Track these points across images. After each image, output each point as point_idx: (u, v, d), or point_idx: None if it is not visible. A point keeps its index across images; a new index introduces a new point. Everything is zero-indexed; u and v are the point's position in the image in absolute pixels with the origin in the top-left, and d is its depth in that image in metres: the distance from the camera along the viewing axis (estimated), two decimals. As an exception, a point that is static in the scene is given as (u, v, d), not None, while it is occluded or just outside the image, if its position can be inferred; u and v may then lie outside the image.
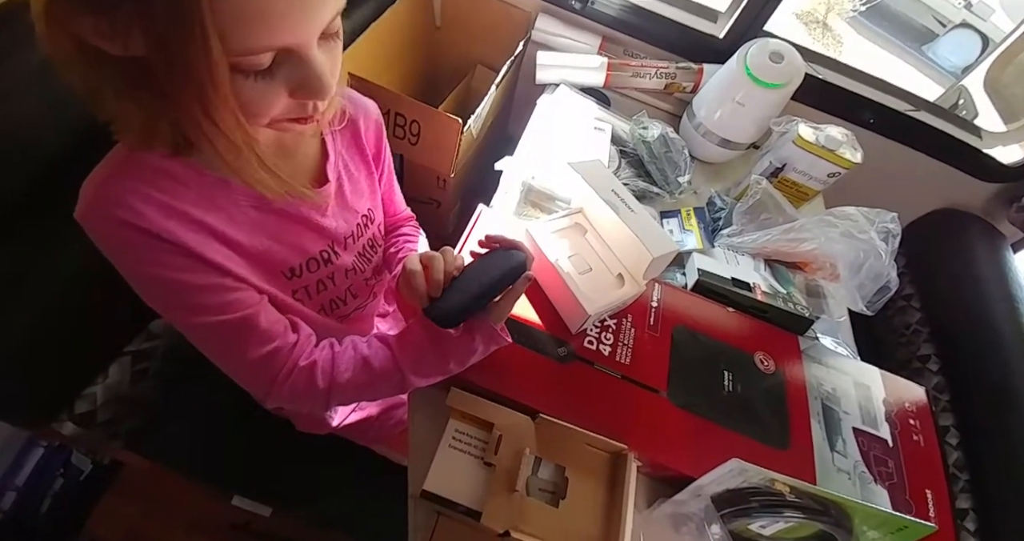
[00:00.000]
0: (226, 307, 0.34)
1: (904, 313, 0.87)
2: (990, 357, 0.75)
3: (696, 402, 0.45)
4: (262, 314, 0.36)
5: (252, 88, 0.27)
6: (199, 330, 0.35)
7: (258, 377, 0.37)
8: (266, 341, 0.35)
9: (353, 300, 0.48)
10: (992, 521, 0.66)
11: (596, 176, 0.47)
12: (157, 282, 0.33)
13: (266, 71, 0.27)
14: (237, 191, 0.35)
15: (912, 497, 0.47)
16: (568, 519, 0.37)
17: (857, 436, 0.47)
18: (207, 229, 0.33)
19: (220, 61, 0.24)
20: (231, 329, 0.34)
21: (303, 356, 0.37)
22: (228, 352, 0.36)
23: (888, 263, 0.56)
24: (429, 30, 0.95)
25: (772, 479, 0.37)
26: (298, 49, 0.27)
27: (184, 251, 0.32)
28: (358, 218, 0.45)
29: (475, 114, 0.69)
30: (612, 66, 0.86)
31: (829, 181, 0.69)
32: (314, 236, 0.41)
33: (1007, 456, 0.68)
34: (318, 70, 0.28)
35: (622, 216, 0.40)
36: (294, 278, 0.41)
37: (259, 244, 0.37)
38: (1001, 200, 0.93)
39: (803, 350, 0.52)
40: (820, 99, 0.85)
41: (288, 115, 0.31)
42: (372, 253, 0.49)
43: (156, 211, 0.31)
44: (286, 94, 0.29)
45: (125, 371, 0.52)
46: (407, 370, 0.38)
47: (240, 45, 0.24)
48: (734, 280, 0.57)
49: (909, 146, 0.88)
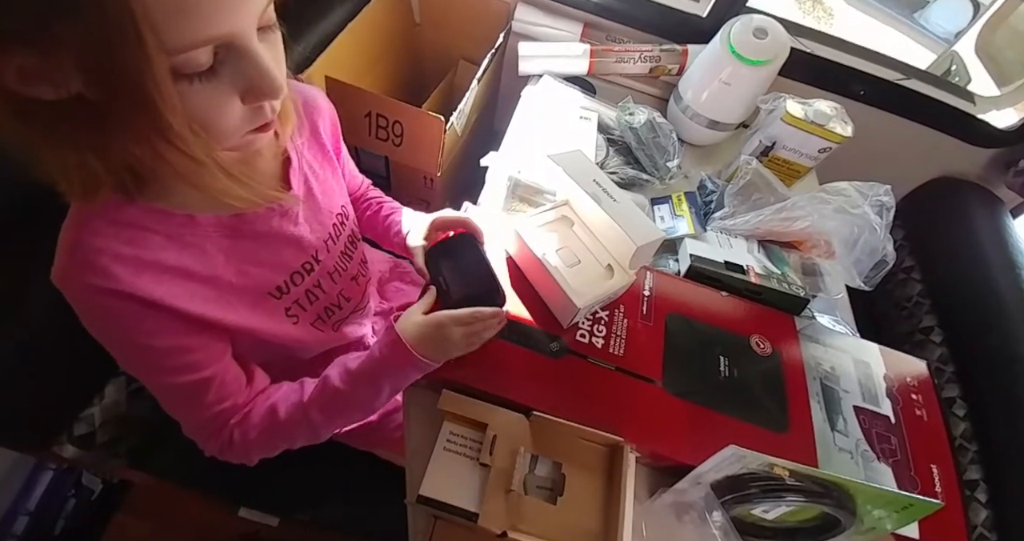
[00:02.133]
0: (186, 368, 0.35)
1: (904, 286, 0.86)
2: (994, 325, 0.74)
3: (692, 390, 0.45)
4: (220, 375, 0.37)
5: (198, 92, 0.26)
6: (159, 388, 0.37)
7: (201, 432, 0.39)
8: (219, 401, 0.37)
9: (347, 303, 0.48)
10: (1003, 491, 0.65)
11: (577, 167, 0.46)
12: (127, 346, 0.34)
13: (209, 72, 0.26)
14: (204, 224, 0.34)
15: (917, 473, 0.46)
16: (567, 515, 0.37)
17: (858, 414, 0.46)
18: (182, 273, 0.33)
19: (160, 62, 0.23)
20: (187, 390, 0.36)
21: (239, 413, 0.39)
22: (178, 407, 0.38)
23: (883, 236, 0.55)
24: (408, 28, 0.94)
25: (771, 464, 0.37)
26: (237, 41, 0.26)
27: (158, 308, 0.32)
28: (333, 218, 0.45)
29: (457, 110, 0.68)
30: (595, 53, 0.85)
31: (820, 157, 0.68)
32: (292, 249, 0.41)
33: (1015, 425, 0.67)
34: (263, 63, 0.27)
35: (604, 206, 0.39)
36: (283, 296, 0.40)
37: (238, 272, 0.36)
38: (997, 165, 0.91)
39: (799, 330, 0.51)
40: (808, 73, 0.83)
41: (247, 127, 0.30)
42: (352, 249, 0.48)
43: (128, 269, 0.31)
44: (238, 100, 0.28)
45: (121, 391, 0.52)
46: (313, 413, 0.39)
47: (176, 40, 0.23)
48: (727, 263, 0.56)
49: (901, 116, 0.86)
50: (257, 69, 0.27)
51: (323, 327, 0.46)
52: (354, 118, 0.69)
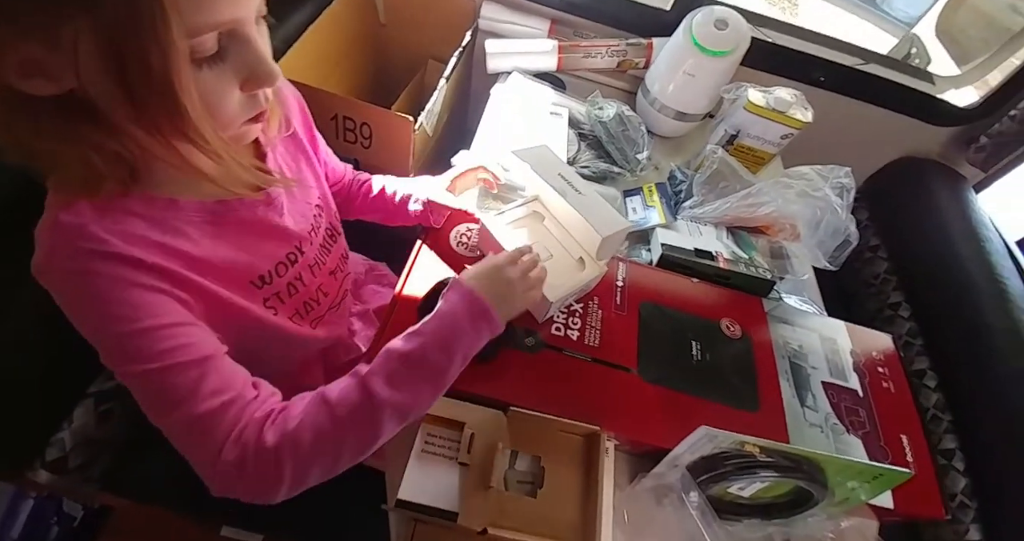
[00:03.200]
0: (185, 349, 0.30)
1: (872, 264, 0.88)
2: (960, 297, 0.76)
3: (667, 375, 0.46)
4: (222, 358, 0.33)
5: (206, 79, 0.27)
6: (148, 378, 0.30)
7: (206, 437, 0.30)
8: (221, 391, 0.31)
9: (325, 298, 0.47)
10: (978, 458, 0.67)
11: (542, 162, 0.46)
12: (116, 323, 0.30)
13: (215, 57, 0.27)
14: (187, 208, 0.34)
15: (887, 444, 0.48)
16: (547, 507, 0.38)
17: (826, 389, 0.48)
18: (168, 249, 0.32)
19: (182, 46, 0.24)
20: (182, 374, 0.30)
21: (259, 409, 0.32)
22: (174, 404, 0.30)
23: (845, 217, 0.57)
24: (374, 28, 0.93)
25: (742, 442, 0.38)
26: (241, 27, 0.28)
27: (150, 272, 0.30)
28: (312, 209, 0.45)
29: (425, 110, 0.68)
30: (563, 48, 0.85)
31: (783, 143, 0.70)
32: (277, 239, 0.41)
33: (985, 392, 0.69)
34: (261, 51, 0.29)
35: (569, 199, 0.40)
36: (264, 286, 0.40)
37: (223, 256, 0.35)
38: (958, 143, 0.94)
39: (768, 311, 0.53)
40: (770, 62, 0.85)
41: (244, 115, 0.31)
42: (332, 243, 0.48)
43: (119, 238, 0.30)
44: (238, 88, 0.29)
45: (90, 414, 0.51)
46: (376, 385, 0.32)
47: (193, 22, 0.24)
48: (697, 251, 0.58)
49: (862, 100, 0.89)
50: (256, 55, 0.29)
51: (301, 323, 0.45)
52: (321, 121, 0.67)
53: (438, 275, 0.47)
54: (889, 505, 0.45)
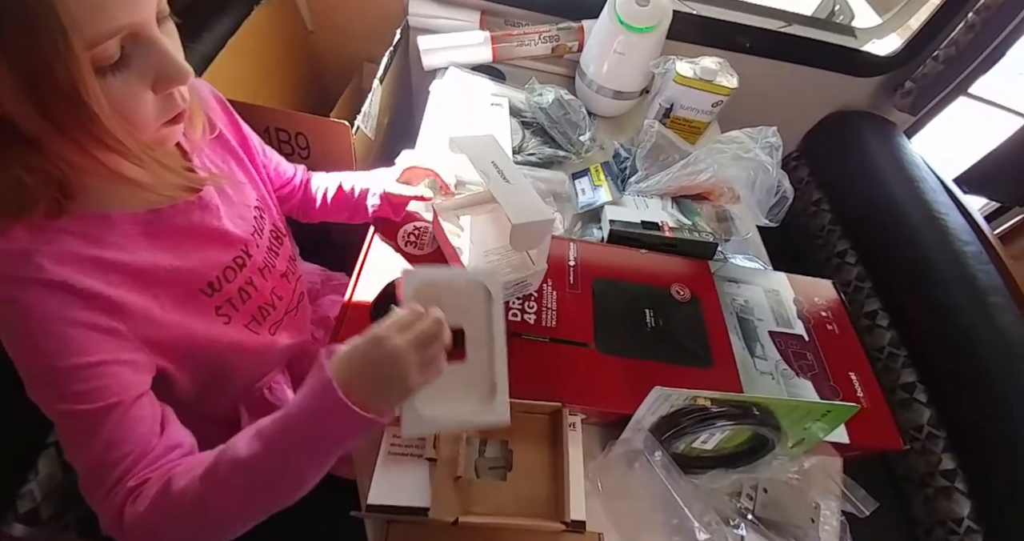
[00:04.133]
0: (98, 392, 0.30)
1: (816, 217, 0.92)
2: (900, 237, 0.80)
3: (623, 345, 0.47)
4: (131, 406, 0.31)
5: (115, 85, 0.27)
6: (59, 416, 0.31)
7: (91, 486, 0.31)
8: (112, 444, 0.30)
9: (280, 302, 0.46)
10: (939, 387, 0.70)
11: (478, 149, 0.46)
12: (44, 354, 0.30)
13: (119, 63, 0.27)
14: (121, 221, 0.33)
15: (837, 383, 0.51)
16: (517, 488, 0.39)
17: (774, 338, 0.51)
18: (107, 265, 0.32)
19: (84, 58, 0.25)
20: (84, 420, 0.30)
21: (134, 476, 0.30)
22: (74, 446, 0.32)
23: (775, 174, 0.60)
24: (302, 36, 0.91)
25: (694, 396, 0.40)
26: (141, 30, 0.28)
27: (86, 298, 0.30)
28: (252, 211, 0.44)
29: (362, 113, 0.68)
30: (496, 39, 0.86)
31: (714, 111, 0.72)
32: (219, 244, 0.40)
33: (935, 323, 0.72)
34: (167, 50, 0.29)
35: (492, 186, 0.40)
36: (215, 294, 0.39)
37: (165, 265, 0.35)
38: (885, 91, 0.98)
39: (714, 272, 0.55)
40: (695, 33, 0.87)
41: (162, 118, 0.31)
42: (278, 244, 0.47)
43: (53, 261, 0.30)
44: (150, 91, 0.29)
45: (54, 462, 0.49)
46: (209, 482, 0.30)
47: (91, 32, 0.25)
48: (643, 223, 0.59)
49: (788, 61, 0.92)
50: (161, 55, 0.29)
51: (258, 330, 0.44)
52: (255, 137, 0.67)
53: (388, 276, 0.47)
54: (846, 440, 0.47)
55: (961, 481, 0.64)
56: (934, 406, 0.70)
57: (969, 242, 0.77)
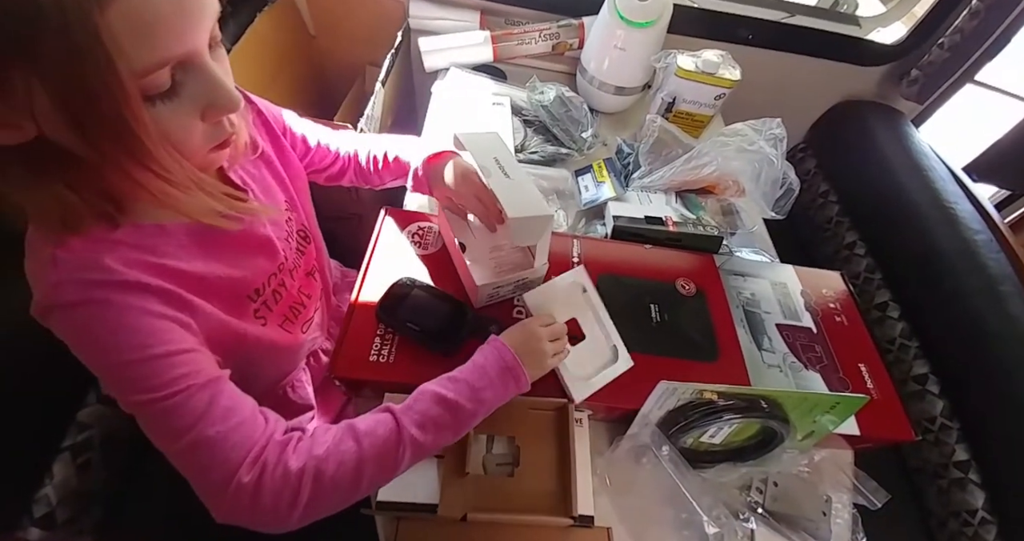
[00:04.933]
0: (195, 374, 0.31)
1: (824, 209, 0.91)
2: (909, 227, 0.79)
3: (629, 341, 0.47)
4: (228, 382, 0.33)
5: (162, 114, 0.27)
6: (158, 405, 0.30)
7: (219, 459, 0.30)
8: (232, 412, 0.31)
9: (309, 300, 0.47)
10: (951, 377, 0.69)
11: (482, 145, 0.46)
12: (129, 349, 0.29)
13: (170, 92, 0.27)
14: (175, 232, 0.34)
15: (846, 374, 0.50)
16: (525, 483, 0.39)
17: (781, 331, 0.50)
18: (167, 271, 0.32)
19: (132, 87, 0.24)
20: (194, 397, 0.30)
21: (276, 431, 0.32)
22: (187, 428, 0.30)
23: (780, 166, 0.59)
24: (304, 41, 0.92)
25: (700, 390, 0.40)
26: (193, 59, 0.27)
27: (159, 295, 0.31)
28: (283, 215, 0.45)
29: (364, 116, 0.68)
30: (496, 38, 0.86)
31: (717, 104, 0.72)
32: (267, 252, 0.41)
33: (946, 313, 0.72)
34: (219, 78, 0.28)
35: (492, 181, 0.40)
36: (258, 298, 0.40)
37: (219, 274, 0.36)
38: (891, 80, 0.97)
39: (719, 266, 0.55)
40: (697, 27, 0.86)
41: (209, 144, 0.31)
42: (305, 244, 0.48)
43: (121, 265, 0.30)
44: (199, 119, 0.29)
45: (69, 467, 0.50)
46: (407, 423, 0.33)
47: (140, 62, 0.24)
48: (647, 218, 0.59)
49: (792, 52, 0.91)
50: (214, 84, 0.28)
51: (292, 329, 0.45)
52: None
53: (394, 276, 0.47)
54: (856, 432, 0.47)
55: (975, 472, 0.63)
56: (947, 397, 0.69)
57: (979, 231, 0.76)
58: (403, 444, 0.33)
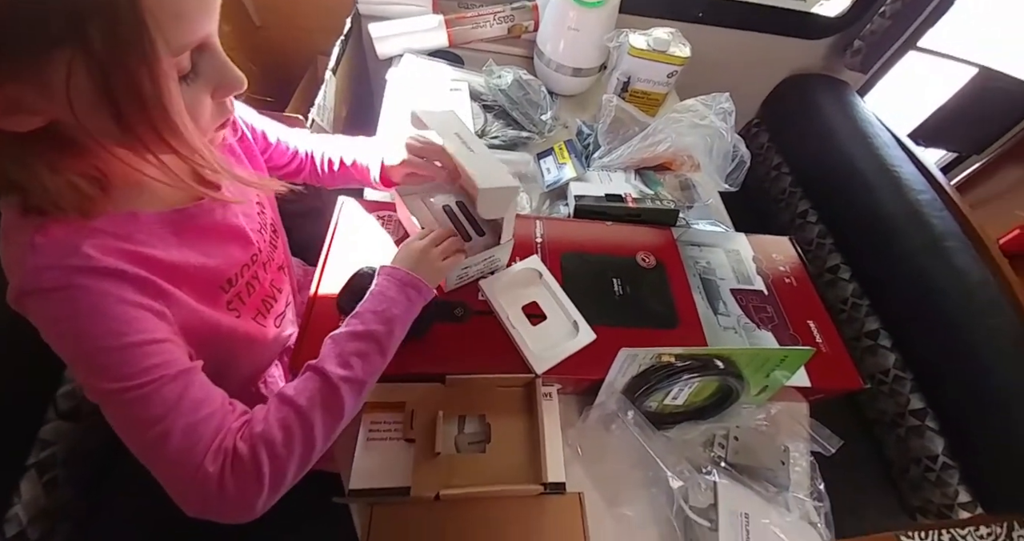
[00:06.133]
0: (168, 364, 0.31)
1: (778, 181, 0.95)
2: (857, 192, 0.83)
3: (594, 314, 0.49)
4: (199, 372, 0.33)
5: (187, 95, 0.28)
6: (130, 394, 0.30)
7: (187, 451, 0.30)
8: (202, 403, 0.31)
9: (280, 294, 0.48)
10: (901, 331, 0.74)
11: (441, 121, 0.46)
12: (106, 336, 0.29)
13: (191, 74, 0.28)
14: (148, 220, 0.34)
15: (796, 331, 0.53)
16: (497, 458, 0.40)
17: (735, 295, 0.53)
18: (143, 258, 0.32)
19: (170, 68, 0.26)
20: (165, 387, 0.30)
21: (237, 420, 0.32)
22: (156, 419, 0.30)
23: (730, 139, 0.61)
24: (250, 32, 0.88)
25: (658, 354, 0.42)
26: (209, 41, 0.29)
27: (136, 283, 0.31)
28: (255, 207, 0.45)
29: (316, 105, 0.67)
30: (450, 22, 0.84)
31: (670, 82, 0.73)
32: (241, 241, 0.41)
33: (893, 271, 0.76)
34: (227, 59, 0.30)
35: (458, 155, 0.40)
36: (230, 289, 0.40)
37: (193, 262, 0.36)
38: (836, 52, 1.01)
39: (677, 238, 0.57)
40: (648, 5, 0.87)
41: (215, 122, 0.33)
42: (276, 238, 0.49)
43: (99, 252, 0.30)
44: (209, 98, 0.31)
45: (36, 485, 0.49)
46: (328, 367, 0.34)
47: (177, 43, 0.26)
48: (607, 196, 0.61)
49: (740, 29, 0.94)
50: (224, 65, 0.30)
51: (264, 322, 0.45)
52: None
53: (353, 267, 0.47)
54: (807, 383, 0.50)
55: (932, 420, 0.68)
56: (898, 350, 0.74)
57: (923, 191, 0.81)
58: (335, 385, 0.34)
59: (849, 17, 0.97)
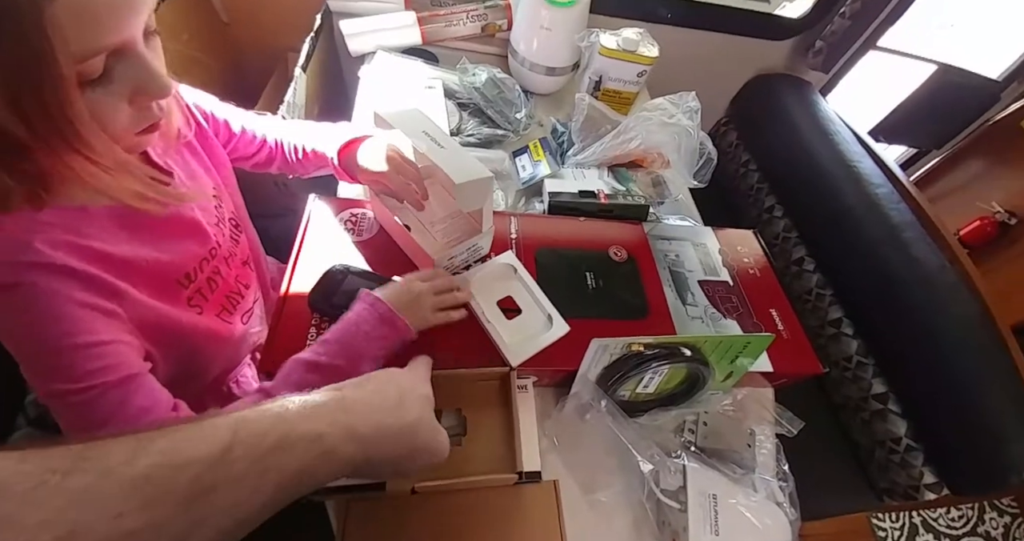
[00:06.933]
0: (114, 368, 0.31)
1: (746, 177, 0.99)
2: (819, 187, 0.87)
3: (567, 308, 0.50)
4: (146, 376, 0.33)
5: (96, 100, 0.28)
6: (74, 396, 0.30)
7: None
8: (146, 410, 0.32)
9: (247, 290, 0.47)
10: (862, 319, 0.77)
11: (406, 121, 0.46)
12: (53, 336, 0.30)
13: (102, 78, 0.28)
14: (98, 214, 0.34)
15: (760, 319, 0.56)
16: (474, 451, 0.41)
17: (703, 286, 0.55)
18: (92, 254, 0.32)
19: (70, 76, 0.25)
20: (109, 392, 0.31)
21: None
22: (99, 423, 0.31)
23: (697, 137, 0.63)
24: (218, 29, 0.86)
25: (628, 344, 0.43)
26: (128, 47, 0.28)
27: (84, 281, 0.31)
28: (211, 201, 0.44)
29: (285, 103, 0.66)
30: (423, 20, 0.84)
31: (640, 81, 0.75)
32: (196, 236, 0.40)
33: (853, 262, 0.80)
34: (151, 66, 0.29)
35: (429, 152, 0.41)
36: (189, 284, 0.39)
37: (145, 257, 0.35)
38: (799, 52, 1.05)
39: (648, 232, 0.58)
40: (618, 6, 0.89)
41: (136, 128, 0.32)
42: (238, 232, 0.48)
43: (48, 247, 0.30)
44: (126, 103, 0.30)
45: None
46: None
47: (80, 50, 0.25)
48: (581, 192, 0.62)
49: (707, 30, 0.97)
50: (146, 71, 0.29)
51: (230, 319, 0.44)
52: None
53: (324, 266, 0.47)
54: (770, 369, 0.52)
55: (894, 403, 0.72)
56: (860, 337, 0.77)
57: (881, 185, 0.85)
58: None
59: (811, 18, 1.01)
